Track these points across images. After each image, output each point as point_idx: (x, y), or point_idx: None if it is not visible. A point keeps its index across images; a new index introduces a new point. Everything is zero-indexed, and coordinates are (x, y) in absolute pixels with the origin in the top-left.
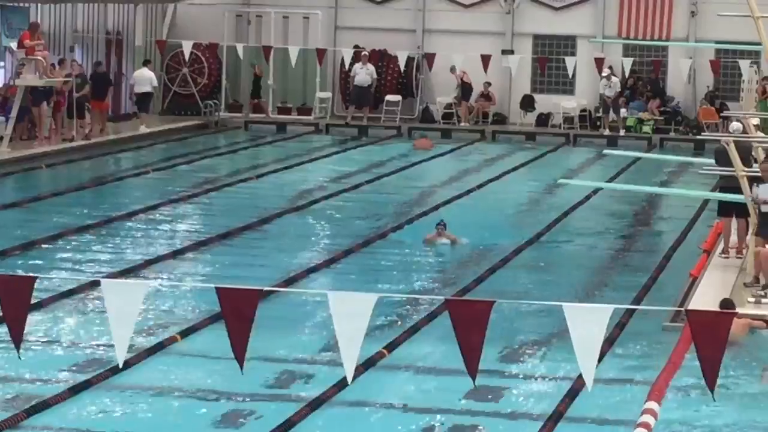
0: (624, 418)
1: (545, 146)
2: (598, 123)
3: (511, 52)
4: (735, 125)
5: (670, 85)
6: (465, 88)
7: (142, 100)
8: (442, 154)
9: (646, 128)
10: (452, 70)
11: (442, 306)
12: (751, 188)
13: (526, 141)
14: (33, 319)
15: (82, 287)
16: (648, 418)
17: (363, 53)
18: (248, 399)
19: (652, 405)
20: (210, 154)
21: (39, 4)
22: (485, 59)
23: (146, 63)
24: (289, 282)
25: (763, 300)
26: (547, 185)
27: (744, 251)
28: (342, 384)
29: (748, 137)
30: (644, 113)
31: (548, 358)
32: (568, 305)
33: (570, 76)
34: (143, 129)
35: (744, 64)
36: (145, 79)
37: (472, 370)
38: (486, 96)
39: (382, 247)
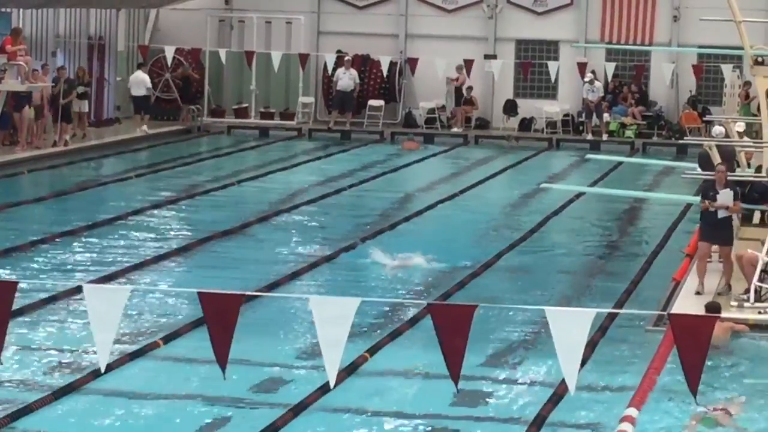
0: (607, 423)
1: (528, 151)
2: (581, 127)
3: (494, 56)
4: (717, 129)
5: (653, 89)
6: (458, 93)
7: (140, 103)
8: (425, 159)
9: (629, 133)
10: (459, 69)
11: (425, 310)
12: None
13: (509, 141)
14: (15, 323)
15: (65, 292)
16: (626, 426)
17: (346, 58)
18: (231, 404)
19: (631, 411)
20: (192, 159)
21: (21, 9)
22: (468, 64)
23: (141, 66)
24: (272, 287)
25: (746, 304)
26: (530, 190)
27: None
28: (325, 388)
29: (730, 141)
30: (627, 118)
31: (531, 362)
32: (550, 309)
33: (553, 80)
34: (142, 131)
35: (726, 69)
36: (140, 82)
37: (455, 374)
38: (469, 101)
39: (365, 251)
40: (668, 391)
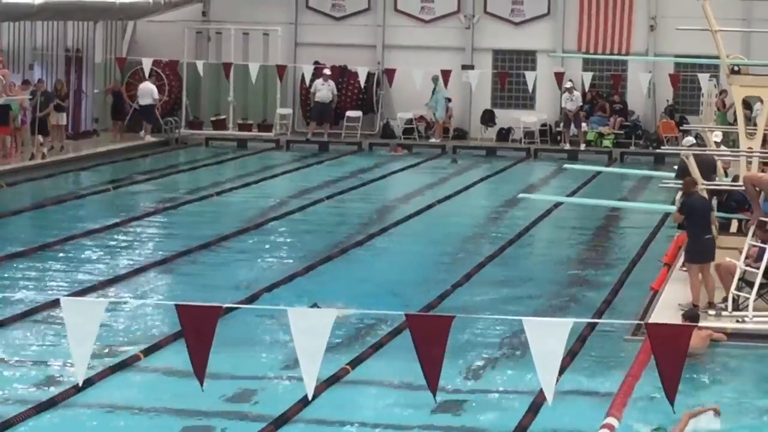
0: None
1: (506, 161)
2: (559, 137)
3: (471, 67)
4: (687, 139)
5: (630, 99)
6: None
7: (145, 112)
8: (403, 170)
9: (607, 142)
10: (434, 80)
11: (405, 322)
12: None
13: (486, 156)
14: None
15: (43, 305)
16: None
17: (324, 70)
18: (211, 416)
19: (611, 420)
20: (171, 171)
21: None
22: (445, 74)
23: (149, 77)
24: (250, 299)
25: (724, 313)
26: (508, 200)
27: None
28: (306, 400)
29: (707, 150)
30: (604, 127)
31: (510, 372)
32: (528, 319)
33: (530, 90)
34: (148, 139)
35: (703, 78)
36: (146, 91)
37: (433, 385)
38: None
39: (343, 263)
40: (646, 399)
